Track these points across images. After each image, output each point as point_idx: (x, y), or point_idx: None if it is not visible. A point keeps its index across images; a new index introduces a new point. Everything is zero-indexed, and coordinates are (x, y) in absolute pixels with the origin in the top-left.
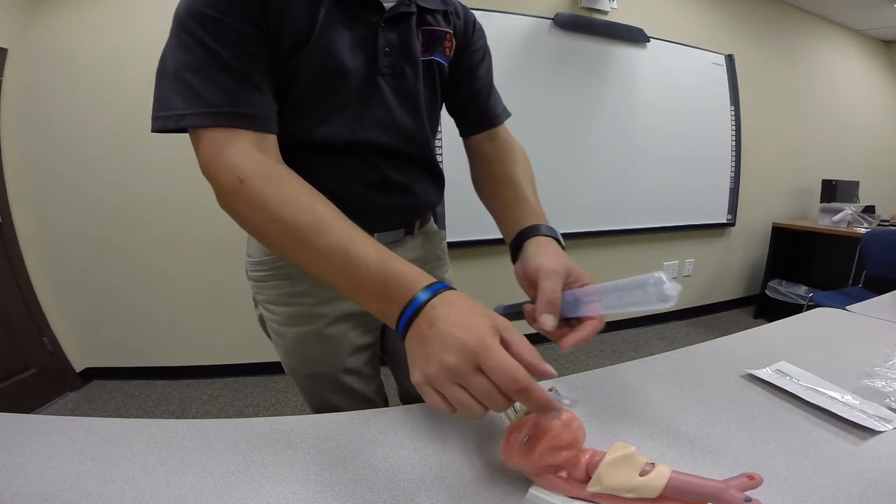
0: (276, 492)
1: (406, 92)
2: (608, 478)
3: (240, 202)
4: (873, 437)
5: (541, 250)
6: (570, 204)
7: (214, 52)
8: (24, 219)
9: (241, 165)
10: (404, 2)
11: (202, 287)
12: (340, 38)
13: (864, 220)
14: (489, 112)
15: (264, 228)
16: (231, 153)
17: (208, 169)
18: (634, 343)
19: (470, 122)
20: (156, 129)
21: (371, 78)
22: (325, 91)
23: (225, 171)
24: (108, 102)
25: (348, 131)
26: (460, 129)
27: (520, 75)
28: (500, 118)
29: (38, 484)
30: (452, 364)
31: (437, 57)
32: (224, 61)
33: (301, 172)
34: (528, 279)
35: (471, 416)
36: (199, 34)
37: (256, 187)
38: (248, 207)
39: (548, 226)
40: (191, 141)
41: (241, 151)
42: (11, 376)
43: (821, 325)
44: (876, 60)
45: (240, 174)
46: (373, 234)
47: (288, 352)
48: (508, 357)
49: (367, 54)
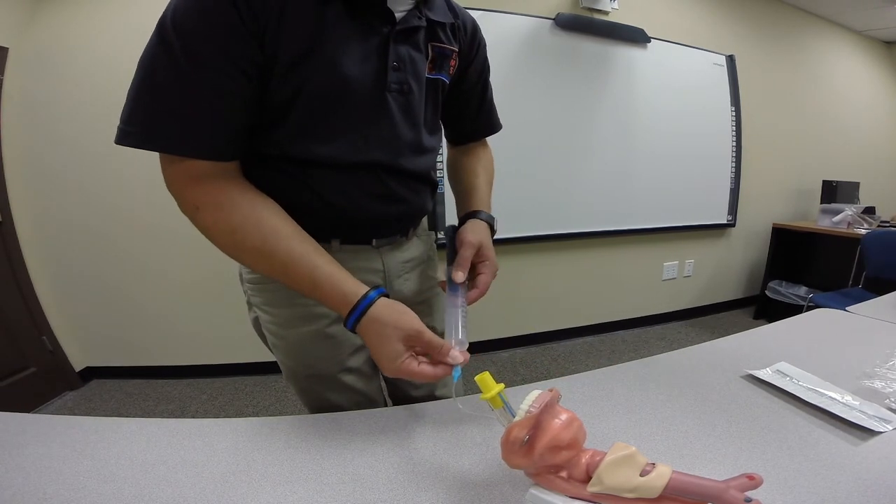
0: (276, 492)
1: (411, 110)
2: (609, 478)
3: (198, 226)
4: (873, 437)
5: (469, 228)
6: (571, 204)
7: (186, 72)
8: (25, 218)
9: (195, 194)
10: (415, 14)
11: (202, 286)
12: (348, 51)
13: (864, 221)
14: (481, 127)
15: (223, 248)
16: (189, 182)
17: (170, 188)
18: (634, 343)
19: (460, 132)
20: (117, 140)
21: (378, 94)
22: (331, 108)
23: (183, 198)
24: (108, 102)
25: (354, 152)
26: (449, 136)
27: (520, 75)
28: (492, 130)
29: (38, 483)
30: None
31: (443, 76)
32: (194, 85)
33: (302, 185)
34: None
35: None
36: (176, 48)
37: (209, 216)
38: (206, 232)
39: (487, 213)
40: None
41: (199, 181)
42: (11, 375)
43: (821, 326)
44: (877, 61)
45: (195, 202)
46: (372, 240)
47: (288, 353)
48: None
49: (376, 69)
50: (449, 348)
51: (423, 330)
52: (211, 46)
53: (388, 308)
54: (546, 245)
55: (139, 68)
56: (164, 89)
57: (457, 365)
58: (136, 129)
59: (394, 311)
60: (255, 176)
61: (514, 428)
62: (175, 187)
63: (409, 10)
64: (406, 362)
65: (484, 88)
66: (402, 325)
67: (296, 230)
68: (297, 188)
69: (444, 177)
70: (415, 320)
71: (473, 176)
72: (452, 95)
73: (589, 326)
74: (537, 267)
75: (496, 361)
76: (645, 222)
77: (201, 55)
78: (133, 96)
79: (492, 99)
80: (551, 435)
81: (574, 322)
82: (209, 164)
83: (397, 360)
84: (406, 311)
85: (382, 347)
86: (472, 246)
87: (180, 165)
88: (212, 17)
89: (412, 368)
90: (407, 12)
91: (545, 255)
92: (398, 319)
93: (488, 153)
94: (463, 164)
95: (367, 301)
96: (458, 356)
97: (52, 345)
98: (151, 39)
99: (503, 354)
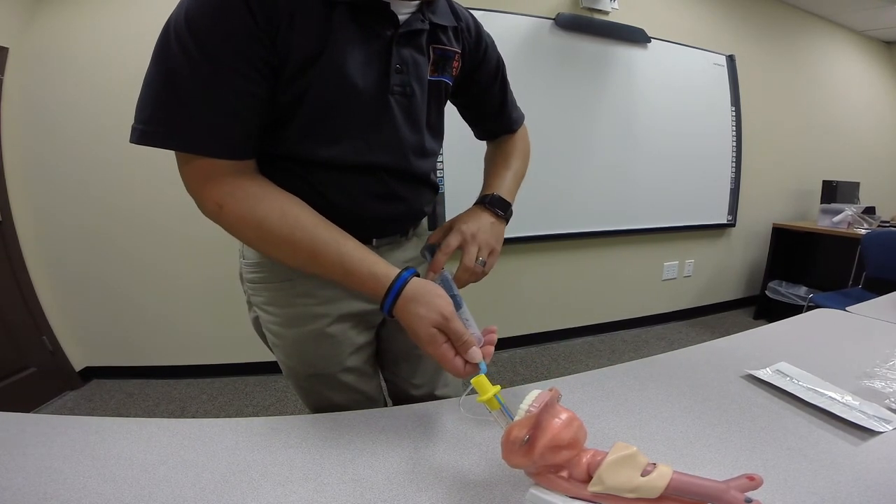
0: (276, 492)
1: (414, 112)
2: (610, 477)
3: (222, 223)
4: (873, 437)
5: (468, 213)
6: (571, 204)
7: (204, 73)
8: (25, 217)
9: (216, 193)
10: (418, 17)
11: (202, 286)
12: (352, 54)
13: (864, 221)
14: (503, 123)
15: (249, 243)
16: (209, 181)
17: (190, 190)
18: (634, 343)
19: (484, 130)
20: (135, 140)
21: (382, 97)
22: (335, 111)
23: (205, 198)
24: (108, 101)
25: (356, 154)
26: (476, 134)
27: (521, 75)
28: (514, 126)
29: (38, 483)
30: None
31: (445, 78)
32: (213, 85)
33: (305, 184)
34: (445, 228)
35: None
36: (192, 49)
37: (234, 213)
38: (231, 228)
39: (496, 196)
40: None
41: (219, 180)
42: (11, 375)
43: (821, 326)
44: (877, 61)
45: (218, 201)
46: (372, 239)
47: (288, 353)
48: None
49: (380, 71)
50: (472, 343)
51: (450, 316)
52: (227, 47)
53: (422, 287)
54: (546, 245)
55: (154, 69)
56: (183, 90)
57: (480, 362)
58: (155, 129)
59: (427, 292)
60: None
61: (514, 427)
62: (194, 187)
63: (412, 13)
64: (444, 348)
65: (503, 85)
66: (434, 307)
67: (320, 219)
68: (301, 187)
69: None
70: (445, 304)
71: (492, 165)
72: (472, 97)
73: (589, 326)
74: (537, 267)
75: (496, 361)
76: (645, 222)
77: (219, 56)
78: (150, 96)
79: (511, 92)
80: (551, 434)
81: (574, 322)
82: (228, 163)
83: (434, 343)
84: (440, 294)
85: (419, 329)
86: (458, 233)
87: (199, 164)
88: (227, 18)
89: (448, 356)
90: (410, 15)
91: (545, 255)
92: (431, 302)
93: (518, 140)
94: (490, 155)
95: (400, 282)
96: (477, 354)
97: (52, 345)
98: (162, 40)
99: (503, 354)
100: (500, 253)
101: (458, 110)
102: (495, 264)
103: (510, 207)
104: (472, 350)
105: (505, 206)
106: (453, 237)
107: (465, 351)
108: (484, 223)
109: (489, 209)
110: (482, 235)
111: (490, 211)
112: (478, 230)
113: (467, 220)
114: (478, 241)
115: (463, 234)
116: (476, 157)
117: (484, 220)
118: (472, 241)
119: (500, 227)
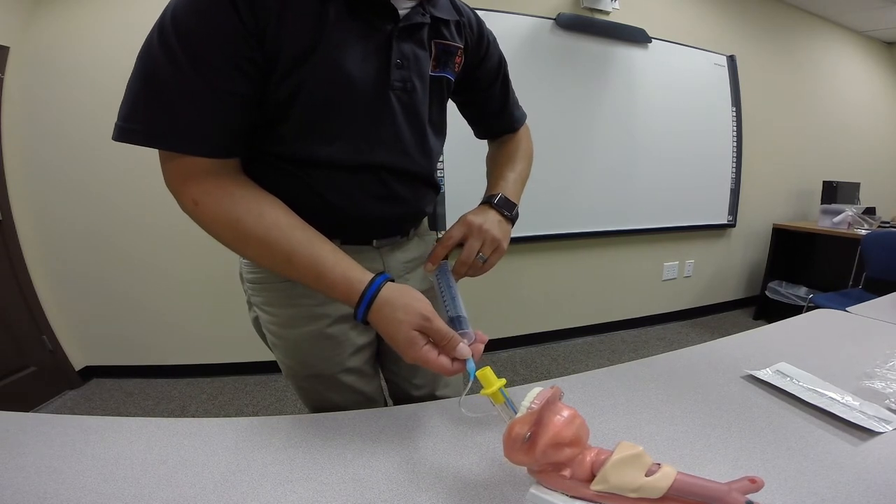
0: (276, 492)
1: (415, 109)
2: (615, 476)
3: (198, 221)
4: (873, 438)
5: (476, 211)
6: (571, 204)
7: (184, 71)
8: (25, 217)
9: (193, 191)
10: (419, 10)
11: (202, 286)
12: (350, 49)
13: (864, 222)
14: (505, 122)
15: (225, 242)
16: (188, 179)
17: (169, 187)
18: (634, 344)
19: (485, 129)
20: (115, 137)
21: (381, 93)
22: (332, 108)
23: (183, 194)
24: (108, 101)
25: (355, 153)
26: (476, 133)
27: (521, 75)
28: (516, 125)
29: (38, 482)
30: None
31: (447, 73)
32: (193, 84)
33: (302, 184)
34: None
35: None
36: (175, 48)
37: (209, 211)
38: (206, 227)
39: (502, 197)
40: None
41: (198, 178)
42: (11, 374)
43: (821, 327)
44: (878, 61)
45: (195, 198)
46: (373, 240)
47: (288, 353)
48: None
49: (379, 67)
50: (458, 341)
51: (432, 317)
52: (209, 46)
53: (397, 292)
54: (546, 245)
55: (138, 66)
56: (164, 88)
57: (468, 359)
58: (135, 127)
59: (403, 295)
60: (257, 175)
61: (515, 424)
62: (173, 184)
63: (412, 7)
64: (425, 350)
65: (505, 83)
66: (412, 310)
67: (297, 221)
68: (298, 188)
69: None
70: (425, 306)
71: (496, 166)
72: (474, 95)
73: (589, 326)
74: (537, 267)
75: (496, 361)
76: (645, 222)
77: (200, 55)
78: (132, 94)
79: (513, 91)
80: (553, 431)
81: (574, 322)
82: (208, 161)
83: (414, 346)
84: (417, 297)
85: (397, 334)
86: (462, 224)
87: (179, 162)
88: (210, 16)
89: (430, 357)
90: (411, 9)
91: (545, 255)
92: (408, 304)
93: (521, 140)
94: (492, 155)
95: (373, 287)
96: (465, 350)
97: (52, 344)
98: (150, 37)
99: (503, 354)
100: (505, 251)
101: (458, 108)
102: (497, 263)
103: (516, 208)
104: (460, 347)
105: (511, 208)
106: (456, 229)
107: (453, 349)
108: (491, 218)
109: (496, 208)
110: (488, 228)
111: (497, 210)
112: (484, 222)
113: (475, 213)
114: (483, 234)
115: (469, 225)
116: (476, 157)
117: (491, 216)
118: (477, 233)
119: (507, 227)
